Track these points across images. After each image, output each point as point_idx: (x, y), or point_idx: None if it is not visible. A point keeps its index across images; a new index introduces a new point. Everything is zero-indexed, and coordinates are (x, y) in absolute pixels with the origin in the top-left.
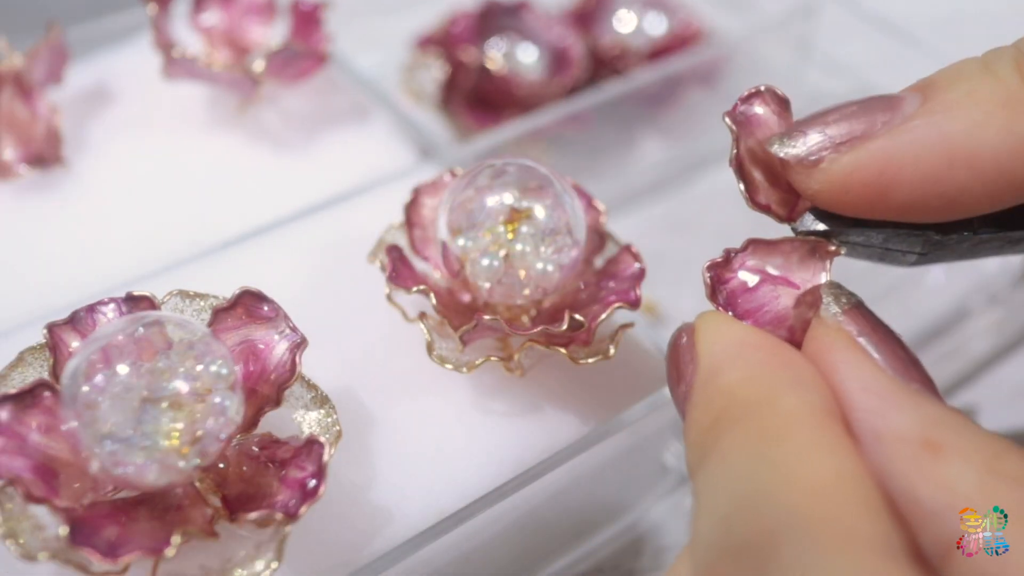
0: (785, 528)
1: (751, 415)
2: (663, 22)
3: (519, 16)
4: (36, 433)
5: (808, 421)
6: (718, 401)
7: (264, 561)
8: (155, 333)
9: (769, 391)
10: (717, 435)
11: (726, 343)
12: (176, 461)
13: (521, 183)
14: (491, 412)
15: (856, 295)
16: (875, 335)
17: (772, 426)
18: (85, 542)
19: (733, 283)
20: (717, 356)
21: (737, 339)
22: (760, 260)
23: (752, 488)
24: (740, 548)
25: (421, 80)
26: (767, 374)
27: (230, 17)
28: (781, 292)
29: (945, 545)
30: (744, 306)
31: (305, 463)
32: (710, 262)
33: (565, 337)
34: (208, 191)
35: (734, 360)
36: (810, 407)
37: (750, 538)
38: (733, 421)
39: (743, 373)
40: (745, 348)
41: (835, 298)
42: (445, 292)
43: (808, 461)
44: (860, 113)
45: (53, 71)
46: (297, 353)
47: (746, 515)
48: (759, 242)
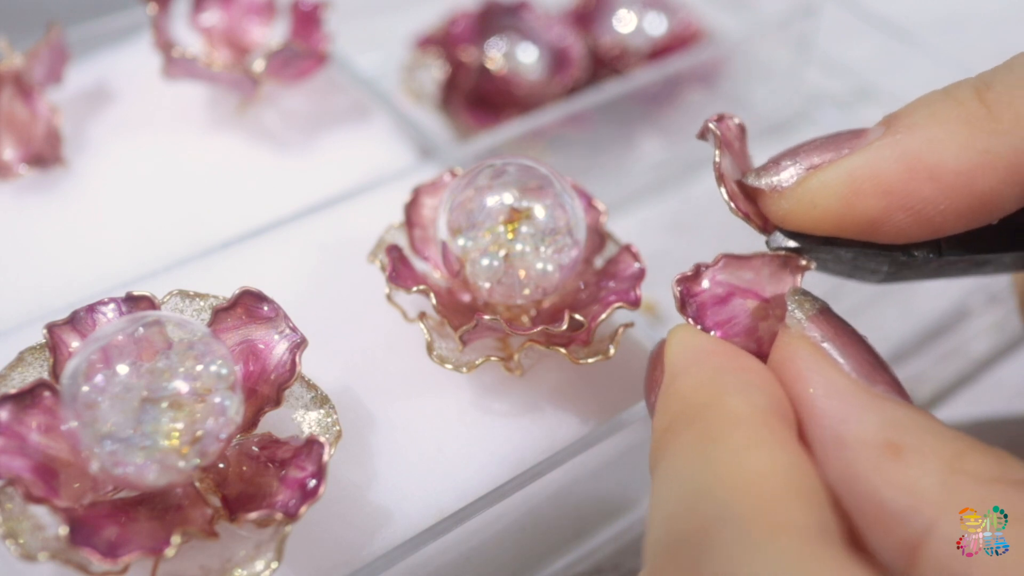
0: (718, 521)
1: (699, 417)
2: (663, 22)
3: (519, 16)
4: (36, 433)
5: (749, 421)
6: (673, 405)
7: (264, 561)
8: (155, 333)
9: (717, 394)
10: (670, 438)
11: (686, 351)
12: (176, 461)
13: (521, 183)
14: (491, 412)
15: (821, 300)
16: (839, 339)
17: (715, 427)
18: (85, 542)
19: (703, 296)
20: (677, 364)
21: (696, 347)
22: (730, 274)
23: (692, 486)
24: (679, 544)
25: (421, 80)
26: (718, 378)
27: (230, 17)
28: (750, 305)
29: (910, 546)
30: (713, 318)
31: (305, 463)
32: (679, 276)
33: (565, 337)
34: (208, 191)
35: (690, 367)
36: (754, 407)
37: (688, 533)
38: (684, 424)
39: (696, 379)
40: (701, 355)
41: (799, 304)
42: (445, 292)
43: (745, 458)
44: (829, 143)
45: (53, 71)
46: (297, 353)
47: (685, 512)
48: (731, 257)
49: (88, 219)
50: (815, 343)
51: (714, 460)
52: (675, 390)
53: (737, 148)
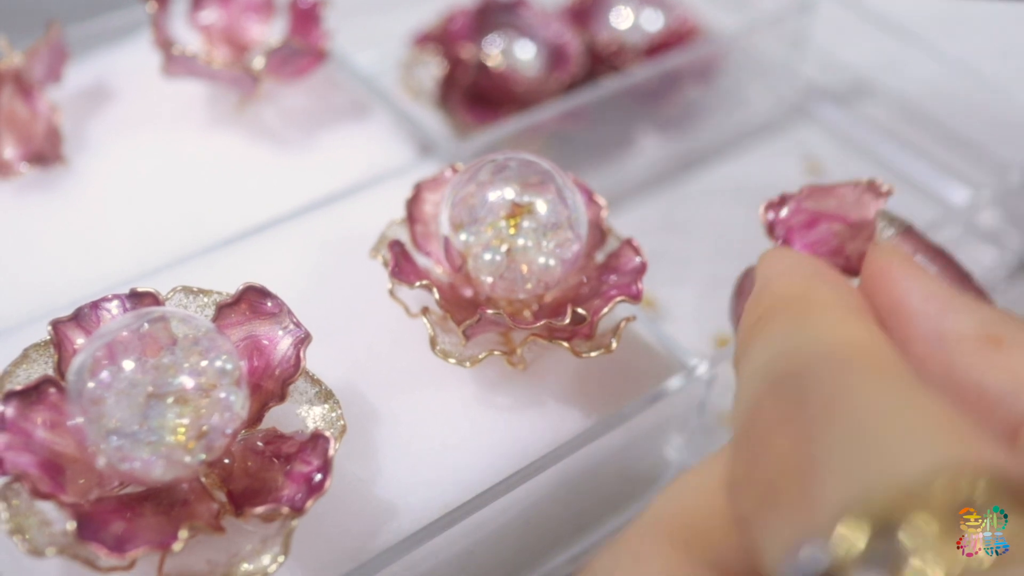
0: (821, 359)
1: (792, 305)
2: (660, 18)
3: (517, 13)
4: (42, 429)
5: (841, 306)
6: (764, 303)
7: (270, 555)
8: (160, 329)
9: (808, 286)
10: (761, 325)
11: (779, 265)
12: (182, 456)
13: (522, 178)
14: (494, 406)
15: (907, 220)
16: (929, 252)
17: (808, 308)
18: (92, 537)
19: (791, 221)
20: (770, 271)
21: (790, 259)
22: (815, 202)
23: (789, 344)
24: (779, 380)
25: (420, 77)
26: (810, 279)
27: (229, 15)
28: (837, 228)
29: (1013, 427)
30: (801, 241)
31: (310, 457)
32: (767, 203)
33: (567, 331)
34: (209, 188)
35: (783, 273)
36: (846, 299)
37: (788, 371)
38: (773, 311)
39: (790, 279)
40: (794, 264)
41: (888, 223)
42: (447, 287)
43: (840, 328)
44: None
45: (53, 69)
46: (301, 348)
47: (784, 358)
48: (815, 187)
49: (90, 217)
50: (908, 254)
51: (809, 328)
52: (767, 290)
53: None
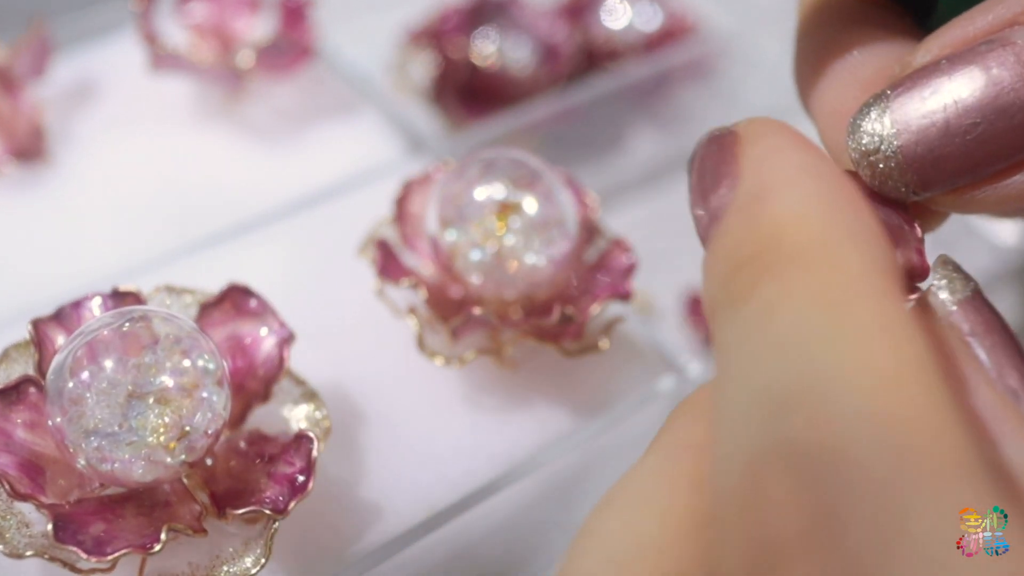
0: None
1: (807, 264)
2: (655, 16)
3: (510, 10)
4: (21, 429)
5: (874, 288)
6: (763, 230)
7: (253, 557)
8: (141, 328)
9: (830, 238)
10: (757, 275)
11: (779, 162)
12: (163, 456)
13: (512, 176)
14: (482, 407)
15: (973, 279)
16: (989, 336)
17: (833, 286)
18: (71, 539)
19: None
20: (765, 176)
21: (794, 161)
22: None
23: (811, 367)
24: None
25: (412, 75)
26: (828, 215)
27: (216, 10)
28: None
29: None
30: None
31: (294, 459)
32: None
33: (556, 331)
34: (195, 185)
35: (787, 186)
36: (874, 266)
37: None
38: (781, 264)
39: (798, 206)
40: (803, 174)
41: (949, 283)
42: (435, 286)
43: (877, 344)
44: None
45: (37, 65)
46: (285, 348)
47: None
48: None
49: (73, 214)
50: (960, 337)
51: (839, 332)
52: (767, 211)
53: None
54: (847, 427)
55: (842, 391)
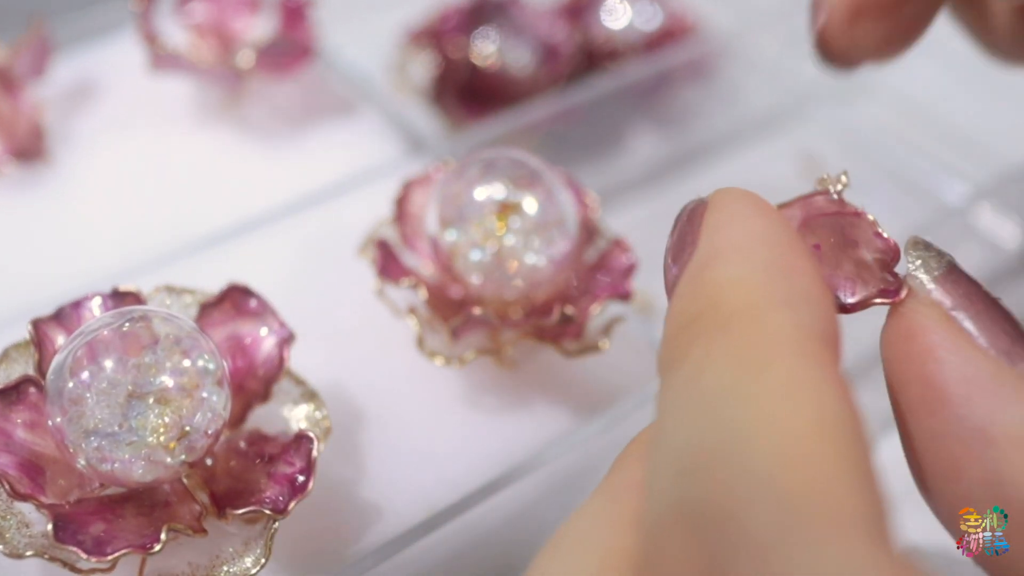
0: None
1: (734, 327)
2: (655, 16)
3: (510, 10)
4: (22, 429)
5: (797, 348)
6: (703, 296)
7: (253, 557)
8: (141, 328)
9: (761, 302)
10: (693, 337)
11: (734, 231)
12: (163, 456)
13: (512, 176)
14: (482, 407)
15: (947, 254)
16: (972, 306)
17: (755, 347)
18: (71, 539)
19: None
20: (717, 242)
21: (747, 229)
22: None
23: (720, 428)
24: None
25: (412, 75)
26: (765, 279)
27: (216, 10)
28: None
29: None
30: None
31: (294, 459)
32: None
33: (556, 331)
34: (195, 186)
35: (733, 252)
36: (802, 330)
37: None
38: (714, 327)
39: (739, 271)
40: (753, 240)
41: (924, 262)
42: (435, 286)
43: (791, 402)
44: None
45: (37, 65)
46: (285, 348)
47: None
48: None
49: (73, 214)
50: (947, 313)
51: (752, 393)
52: (709, 277)
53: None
54: (744, 489)
55: (745, 453)
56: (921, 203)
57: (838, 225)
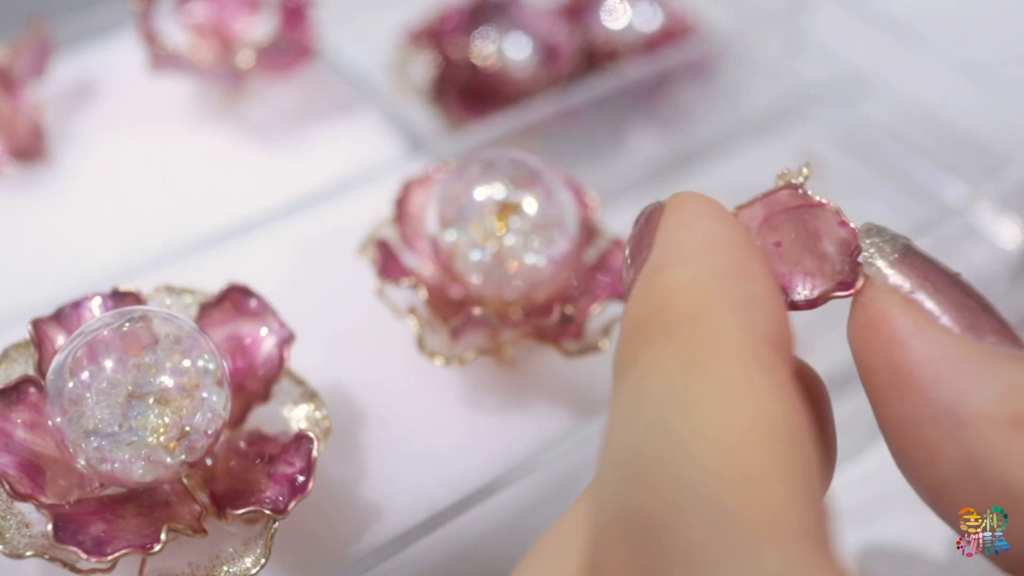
0: (689, 502)
1: (683, 330)
2: (656, 16)
3: (510, 10)
4: (22, 429)
5: (744, 352)
6: (655, 298)
7: (253, 558)
8: (141, 328)
9: (711, 306)
10: (643, 340)
11: (687, 234)
12: (163, 457)
13: (512, 176)
14: (481, 407)
15: (901, 236)
16: (932, 284)
17: (701, 350)
18: (71, 539)
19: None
20: (672, 247)
21: (700, 233)
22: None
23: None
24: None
25: (412, 75)
26: (715, 283)
27: (216, 11)
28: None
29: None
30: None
31: (294, 459)
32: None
33: (556, 331)
34: (196, 186)
35: (684, 256)
36: (751, 333)
37: (645, 511)
38: (663, 331)
39: (690, 275)
40: (706, 244)
41: (878, 248)
42: (435, 286)
43: (734, 405)
44: None
45: (37, 65)
46: (285, 348)
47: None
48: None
49: (73, 214)
50: (906, 297)
51: (694, 398)
52: (661, 281)
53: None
54: (678, 498)
55: (682, 461)
56: (921, 203)
57: (801, 219)
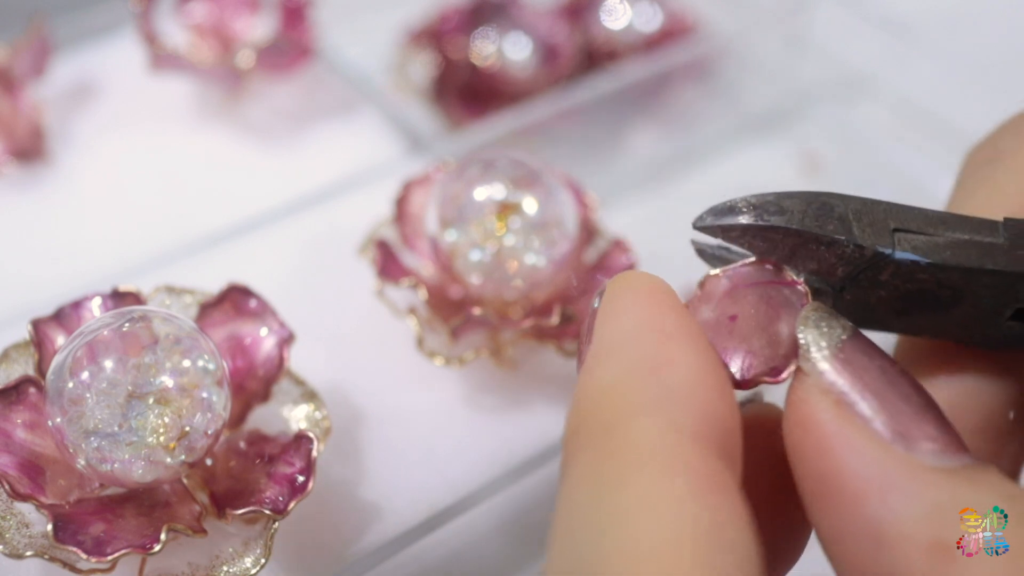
0: None
1: (602, 442)
2: (655, 16)
3: (510, 10)
4: (22, 430)
5: (660, 457)
6: (582, 403)
7: (253, 558)
8: (141, 328)
9: (625, 409)
10: (575, 449)
11: (614, 326)
12: (163, 457)
13: (512, 176)
14: (481, 407)
15: (844, 323)
16: (870, 384)
17: (613, 464)
18: (71, 539)
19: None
20: (600, 343)
21: (628, 324)
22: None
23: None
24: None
25: (412, 75)
26: (632, 383)
27: (216, 11)
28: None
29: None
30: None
31: (294, 459)
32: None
33: (556, 331)
34: (195, 186)
35: (615, 351)
36: (672, 433)
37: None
38: (587, 440)
39: (615, 373)
40: (629, 337)
41: (814, 339)
42: (435, 286)
43: (646, 521)
44: None
45: (37, 65)
46: (285, 348)
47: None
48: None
49: (73, 214)
50: (838, 400)
51: (609, 514)
52: (588, 383)
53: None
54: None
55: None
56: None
57: (767, 295)
